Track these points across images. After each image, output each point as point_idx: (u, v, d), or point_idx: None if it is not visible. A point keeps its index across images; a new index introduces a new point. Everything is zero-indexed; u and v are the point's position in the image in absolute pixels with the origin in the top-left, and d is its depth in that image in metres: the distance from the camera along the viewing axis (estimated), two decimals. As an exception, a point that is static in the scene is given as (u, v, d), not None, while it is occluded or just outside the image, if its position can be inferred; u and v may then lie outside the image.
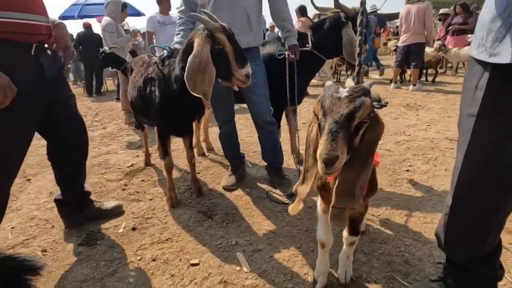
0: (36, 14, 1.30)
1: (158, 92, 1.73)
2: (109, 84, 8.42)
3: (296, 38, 1.97)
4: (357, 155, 0.86)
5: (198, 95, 1.41)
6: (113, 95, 6.70)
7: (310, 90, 6.50)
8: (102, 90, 7.43)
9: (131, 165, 2.75)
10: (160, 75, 1.73)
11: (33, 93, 1.32)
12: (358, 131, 0.83)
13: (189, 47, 1.49)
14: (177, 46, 1.81)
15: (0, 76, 1.14)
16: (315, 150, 0.91)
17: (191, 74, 1.40)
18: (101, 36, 4.51)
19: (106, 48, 3.44)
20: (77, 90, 8.23)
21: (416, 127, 3.48)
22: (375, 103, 0.90)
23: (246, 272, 1.39)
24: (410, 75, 6.10)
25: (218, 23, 1.46)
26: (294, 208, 1.05)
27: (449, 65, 7.95)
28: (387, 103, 0.93)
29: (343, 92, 0.83)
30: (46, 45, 1.41)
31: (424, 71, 6.82)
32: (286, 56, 1.99)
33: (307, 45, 2.09)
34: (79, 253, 1.57)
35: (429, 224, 1.68)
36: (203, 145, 3.04)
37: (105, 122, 4.56)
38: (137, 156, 2.98)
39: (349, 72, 7.58)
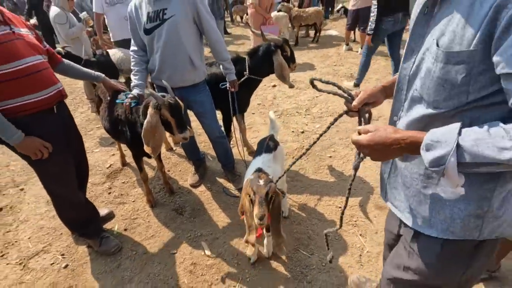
0: (49, 87, 1.72)
1: (129, 133, 2.19)
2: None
3: (234, 73, 2.40)
4: (273, 214, 1.60)
5: (148, 151, 1.94)
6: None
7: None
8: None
9: (110, 166, 3.25)
10: (130, 121, 2.17)
11: (61, 139, 1.84)
12: (271, 200, 1.56)
13: (145, 108, 1.94)
14: (137, 90, 2.19)
15: (33, 140, 1.66)
16: (250, 215, 1.61)
17: (146, 134, 1.90)
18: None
19: (60, 49, 3.51)
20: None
21: (350, 105, 4.15)
22: (280, 190, 1.62)
23: (208, 255, 2.14)
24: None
25: (166, 100, 1.88)
26: (251, 251, 1.87)
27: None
28: (285, 195, 1.64)
29: (261, 182, 1.57)
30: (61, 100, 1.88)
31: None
32: (228, 88, 2.45)
33: (245, 73, 2.54)
34: (89, 254, 2.23)
35: (330, 206, 2.49)
36: (170, 139, 3.55)
37: (71, 110, 4.74)
38: (113, 155, 3.45)
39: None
